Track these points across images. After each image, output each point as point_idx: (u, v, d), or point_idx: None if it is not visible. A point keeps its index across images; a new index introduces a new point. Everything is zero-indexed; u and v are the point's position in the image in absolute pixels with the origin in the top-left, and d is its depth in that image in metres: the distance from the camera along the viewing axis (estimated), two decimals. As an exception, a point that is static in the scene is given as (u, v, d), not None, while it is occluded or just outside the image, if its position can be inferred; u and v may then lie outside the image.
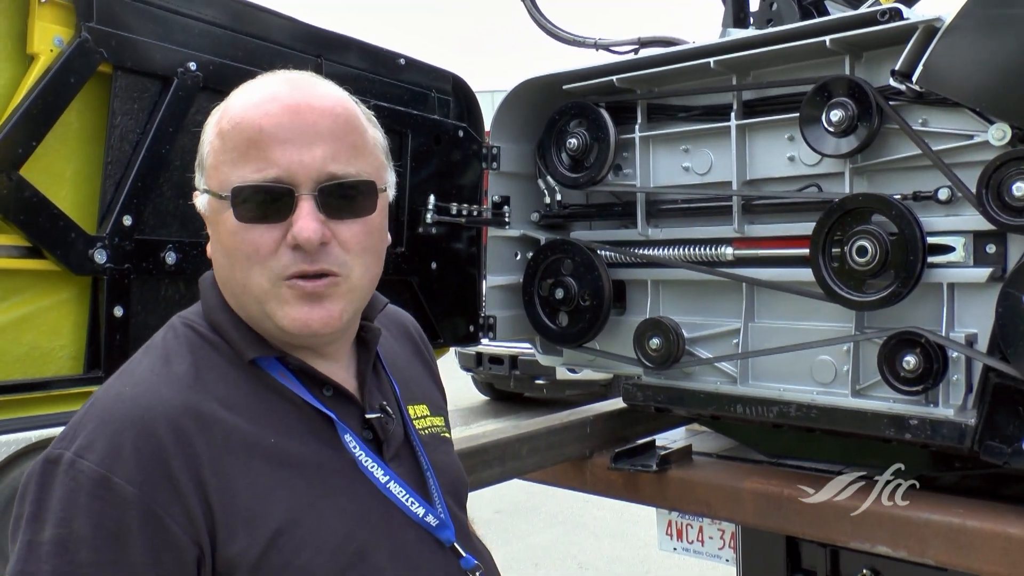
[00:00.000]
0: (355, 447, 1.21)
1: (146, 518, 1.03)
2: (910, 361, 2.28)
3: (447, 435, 1.46)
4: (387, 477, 1.22)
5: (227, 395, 1.16)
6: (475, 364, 10.93)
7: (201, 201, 1.22)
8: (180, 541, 1.05)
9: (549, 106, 3.03)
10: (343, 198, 1.17)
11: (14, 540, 1.06)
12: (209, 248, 1.24)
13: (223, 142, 1.17)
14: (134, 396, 1.12)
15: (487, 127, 3.17)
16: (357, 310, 1.26)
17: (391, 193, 1.30)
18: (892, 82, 2.31)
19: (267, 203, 1.14)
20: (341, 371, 1.28)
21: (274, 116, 1.15)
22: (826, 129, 2.41)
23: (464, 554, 1.29)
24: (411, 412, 1.37)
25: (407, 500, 1.23)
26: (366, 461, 1.21)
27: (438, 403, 1.49)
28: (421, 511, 1.24)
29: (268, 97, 1.17)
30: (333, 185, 1.16)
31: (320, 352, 1.25)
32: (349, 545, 1.15)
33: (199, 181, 1.22)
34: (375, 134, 1.27)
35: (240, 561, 1.07)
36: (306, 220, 1.13)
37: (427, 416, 1.41)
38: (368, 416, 1.26)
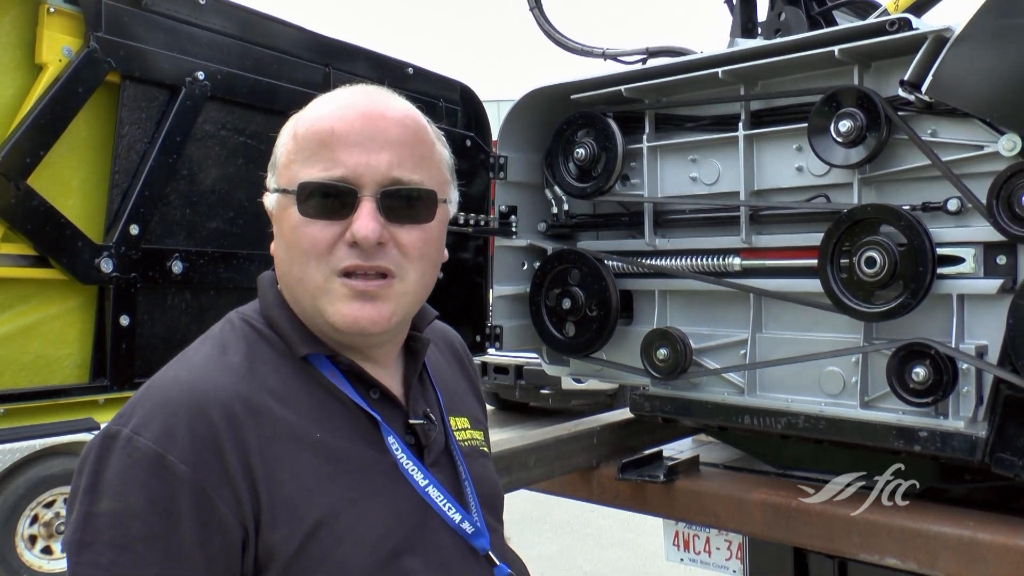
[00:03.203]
0: (397, 449, 1.23)
1: (197, 497, 1.07)
2: (919, 373, 2.27)
3: (486, 449, 1.48)
4: (426, 481, 1.24)
5: (278, 388, 1.19)
6: (480, 374, 10.91)
7: (270, 200, 1.27)
8: (228, 522, 1.08)
9: (557, 116, 3.03)
10: (404, 203, 1.21)
11: (70, 511, 1.09)
12: (273, 246, 1.28)
13: (296, 143, 1.23)
14: (190, 380, 1.15)
15: (494, 136, 3.16)
16: (407, 315, 1.29)
17: (452, 210, 1.34)
18: (901, 92, 2.30)
19: (330, 200, 1.19)
20: (388, 376, 1.31)
21: (347, 121, 1.20)
22: (834, 139, 2.40)
23: (498, 563, 1.30)
24: (453, 423, 1.39)
25: (445, 505, 1.25)
26: (407, 464, 1.23)
27: (479, 418, 1.51)
28: (458, 517, 1.26)
29: (344, 104, 1.23)
30: (395, 190, 1.20)
31: (368, 356, 1.28)
32: (386, 543, 1.17)
33: (270, 181, 1.27)
34: (442, 151, 1.32)
35: (280, 549, 1.10)
36: (365, 219, 1.17)
37: (468, 429, 1.43)
38: (412, 421, 1.29)
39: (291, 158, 1.23)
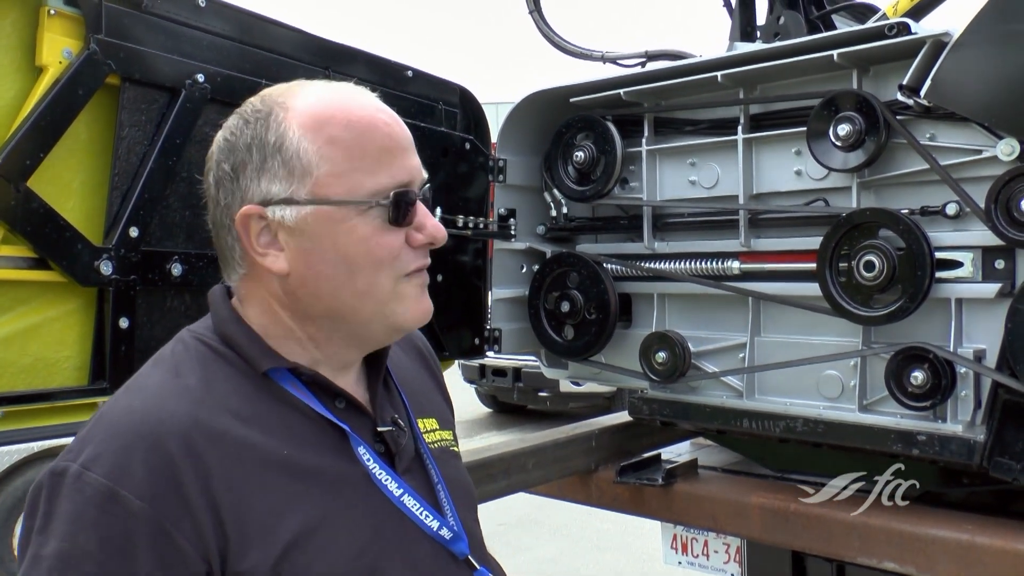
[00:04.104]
0: (368, 460, 1.20)
1: (155, 533, 1.02)
2: (918, 376, 2.27)
3: (456, 449, 1.46)
4: (401, 490, 1.22)
5: (239, 407, 1.15)
6: (478, 376, 10.93)
7: (290, 212, 1.17)
8: (188, 556, 1.03)
9: (556, 119, 3.03)
10: (425, 200, 1.24)
11: (22, 554, 1.05)
12: (280, 262, 1.19)
13: (341, 149, 1.17)
14: (144, 409, 1.10)
15: (493, 139, 3.17)
16: None
17: None
18: (900, 96, 2.31)
19: (408, 207, 1.19)
20: (352, 384, 1.28)
21: (389, 124, 1.21)
22: (833, 143, 2.41)
23: (478, 567, 1.29)
24: (421, 425, 1.37)
25: (421, 513, 1.23)
26: (380, 474, 1.21)
27: (447, 417, 1.49)
28: (435, 524, 1.24)
29: (369, 104, 1.22)
30: (427, 188, 1.24)
31: (333, 365, 1.26)
32: (363, 559, 1.14)
33: (283, 191, 1.17)
34: None
35: (253, 575, 1.07)
36: (433, 220, 1.22)
37: (436, 430, 1.41)
38: (380, 429, 1.26)
39: (342, 166, 1.16)
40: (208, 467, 1.07)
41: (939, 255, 2.29)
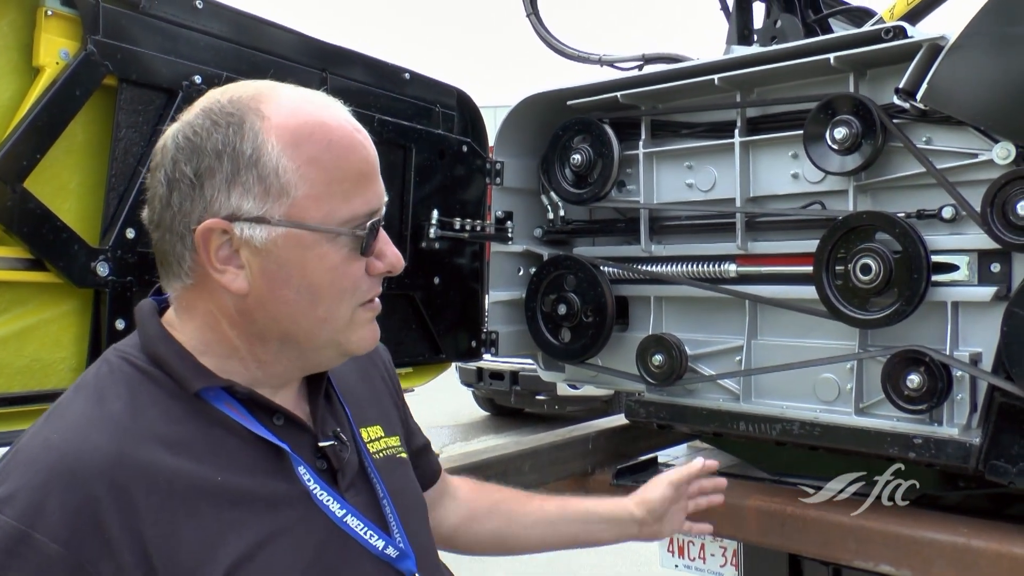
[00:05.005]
0: (309, 480, 1.16)
1: (73, 574, 0.97)
2: (914, 380, 2.27)
3: (403, 455, 1.41)
4: (344, 511, 1.17)
5: (168, 433, 1.08)
6: (476, 379, 10.92)
7: (260, 231, 1.10)
8: None
9: (553, 121, 3.03)
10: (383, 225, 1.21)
11: None
12: (239, 281, 1.13)
13: (321, 171, 1.11)
14: (63, 443, 1.02)
15: (491, 142, 3.17)
16: None
17: None
18: (896, 100, 2.31)
19: (375, 236, 1.17)
20: (291, 398, 1.24)
21: (365, 145, 1.16)
22: (830, 147, 2.41)
23: None
24: (364, 435, 1.32)
25: (365, 533, 1.19)
26: (321, 495, 1.16)
27: (392, 422, 1.44)
28: (380, 543, 1.20)
29: (346, 121, 1.17)
30: (384, 213, 1.20)
31: (272, 382, 1.21)
32: None
33: (256, 208, 1.10)
34: None
35: None
36: (393, 248, 1.18)
37: (381, 438, 1.36)
38: (322, 444, 1.21)
39: (320, 189, 1.11)
40: (134, 503, 1.01)
41: (935, 258, 2.29)
